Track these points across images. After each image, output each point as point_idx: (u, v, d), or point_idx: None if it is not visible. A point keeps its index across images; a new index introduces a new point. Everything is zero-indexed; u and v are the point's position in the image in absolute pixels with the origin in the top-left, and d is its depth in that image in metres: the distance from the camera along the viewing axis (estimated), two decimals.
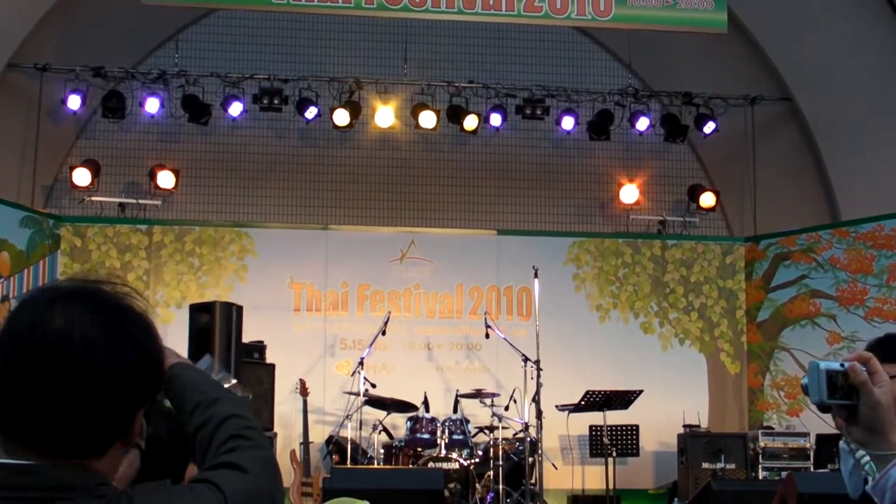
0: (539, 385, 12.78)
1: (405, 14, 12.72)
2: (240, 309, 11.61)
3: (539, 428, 12.72)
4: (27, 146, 15.02)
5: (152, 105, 14.90)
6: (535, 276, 13.36)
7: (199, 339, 11.17)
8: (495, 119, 15.37)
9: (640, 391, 13.57)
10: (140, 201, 15.42)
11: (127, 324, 2.27)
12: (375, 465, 12.80)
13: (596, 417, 13.74)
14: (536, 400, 12.96)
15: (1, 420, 2.21)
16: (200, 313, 11.39)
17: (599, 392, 13.40)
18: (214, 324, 11.16)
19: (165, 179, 15.21)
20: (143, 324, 2.32)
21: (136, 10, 13.04)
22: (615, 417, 13.75)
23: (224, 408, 2.57)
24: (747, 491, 11.47)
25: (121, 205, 15.35)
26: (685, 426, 14.24)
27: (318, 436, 13.90)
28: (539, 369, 12.85)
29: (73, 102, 14.68)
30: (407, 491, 10.31)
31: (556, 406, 13.55)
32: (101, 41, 15.12)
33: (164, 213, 15.43)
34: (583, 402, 13.46)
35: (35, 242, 14.19)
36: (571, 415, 13.64)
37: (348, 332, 14.91)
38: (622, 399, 13.53)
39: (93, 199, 15.26)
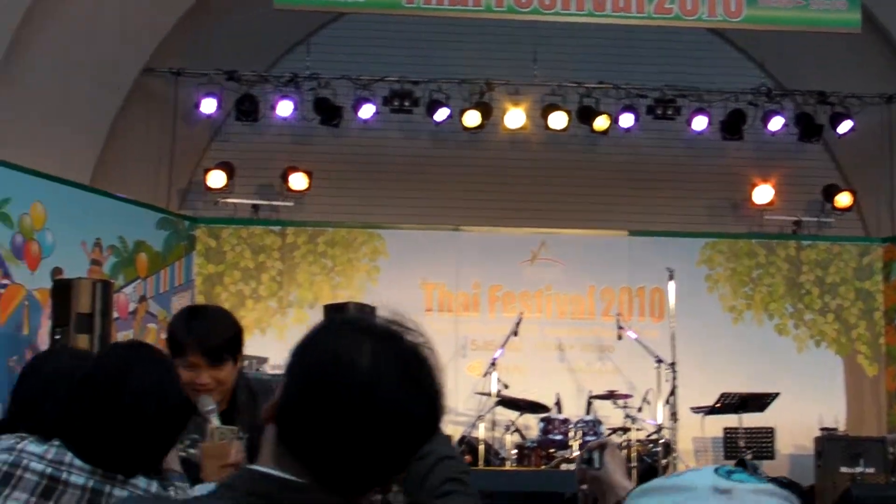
0: (674, 387, 12.69)
1: (535, 16, 12.69)
2: (373, 309, 11.65)
3: (674, 430, 12.62)
4: (163, 150, 15.24)
5: (285, 108, 15.04)
6: (671, 278, 13.30)
7: None
8: (626, 119, 15.28)
9: (777, 394, 13.40)
10: (273, 203, 15.58)
11: (424, 375, 2.27)
12: (508, 466, 12.78)
13: (731, 419, 13.60)
14: (670, 402, 12.89)
15: (289, 437, 2.23)
16: (334, 313, 11.47)
17: (735, 394, 13.25)
18: None
19: (298, 181, 15.34)
20: (438, 377, 2.31)
21: (268, 13, 13.14)
22: (750, 420, 13.59)
23: (440, 448, 2.60)
24: (890, 496, 11.26)
25: (254, 206, 15.52)
26: (822, 429, 14.04)
27: (451, 436, 13.93)
28: (674, 371, 12.77)
29: (208, 106, 14.87)
30: (540, 493, 10.29)
31: (692, 408, 13.43)
32: (233, 45, 15.29)
33: (297, 215, 15.56)
34: (718, 405, 13.32)
35: (171, 244, 14.40)
36: (706, 417, 13.53)
37: (480, 332, 14.92)
38: (758, 402, 13.37)
39: (227, 200, 15.45)
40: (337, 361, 2.20)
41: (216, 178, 15.18)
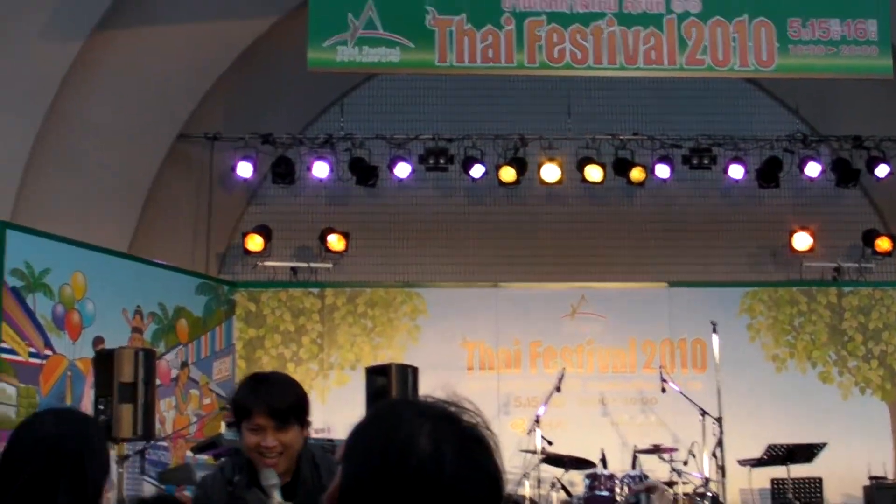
0: (721, 441, 12.61)
1: (567, 72, 12.67)
2: (415, 371, 11.63)
3: (722, 484, 12.52)
4: (200, 214, 15.30)
5: (320, 169, 15.07)
6: (714, 331, 13.26)
7: (376, 401, 11.21)
8: (662, 170, 15.26)
9: (824, 444, 13.26)
10: (311, 265, 15.59)
11: (484, 458, 2.25)
12: None
13: (778, 470, 13.47)
14: (717, 454, 12.79)
15: None
16: (377, 376, 11.43)
17: (782, 446, 13.12)
18: (391, 386, 11.20)
19: (335, 242, 15.37)
20: (496, 457, 2.29)
21: (302, 77, 13.20)
22: (797, 470, 13.45)
23: None
24: None
25: (293, 269, 15.53)
26: (871, 478, 13.89)
27: None
28: (721, 426, 12.70)
29: (244, 170, 14.91)
30: None
31: (739, 461, 13.31)
32: (268, 108, 15.38)
33: (336, 276, 15.56)
34: (765, 457, 13.20)
35: (211, 308, 14.42)
36: (753, 469, 13.41)
37: (522, 389, 14.85)
38: (805, 452, 13.24)
39: (265, 264, 15.47)
40: (397, 446, 2.18)
41: (254, 242, 15.21)
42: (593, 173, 15.17)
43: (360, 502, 2.18)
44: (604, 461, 13.22)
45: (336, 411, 13.26)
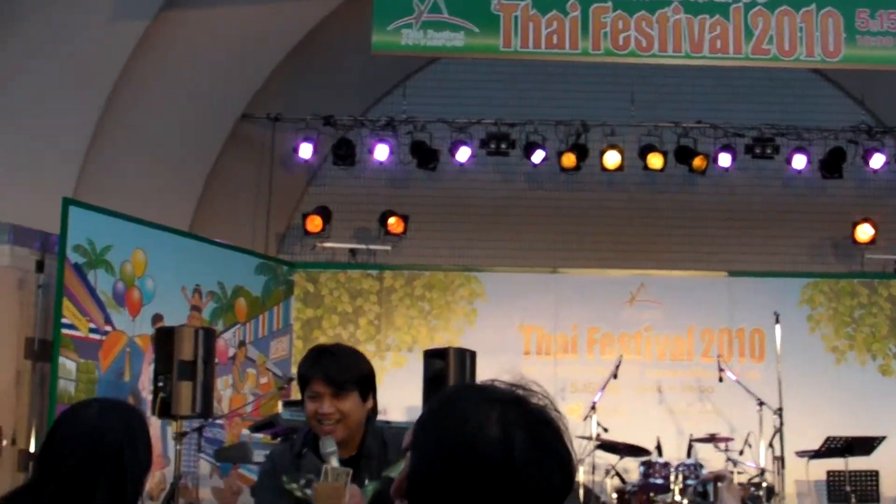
0: (781, 433, 12.57)
1: (632, 59, 12.62)
2: (473, 355, 11.65)
3: (781, 475, 12.47)
4: (260, 195, 15.37)
5: (381, 152, 15.10)
6: (777, 321, 13.22)
7: (434, 385, 11.25)
8: (724, 159, 15.18)
9: (884, 437, 13.17)
10: (370, 247, 15.62)
11: (554, 440, 2.25)
12: None
13: (835, 462, 13.39)
14: (774, 445, 12.74)
15: None
16: (435, 359, 11.47)
17: (841, 438, 13.04)
18: (449, 370, 11.23)
19: (395, 225, 15.40)
20: (566, 440, 2.29)
21: (365, 59, 13.22)
22: (854, 462, 13.36)
23: None
24: None
25: (352, 250, 15.57)
26: None
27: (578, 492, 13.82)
28: (781, 417, 12.65)
29: (305, 151, 14.97)
30: None
31: (796, 453, 13.24)
32: (330, 90, 15.40)
33: (394, 259, 15.60)
34: (823, 449, 13.12)
35: (270, 289, 14.48)
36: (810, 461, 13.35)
37: (579, 375, 14.83)
38: (864, 445, 13.15)
39: (324, 245, 15.52)
40: (465, 433, 2.18)
41: (314, 223, 15.28)
42: (655, 161, 15.13)
43: (430, 491, 2.18)
44: (659, 449, 13.20)
45: (392, 393, 13.27)
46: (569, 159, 15.09)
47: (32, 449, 11.25)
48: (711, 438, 13.12)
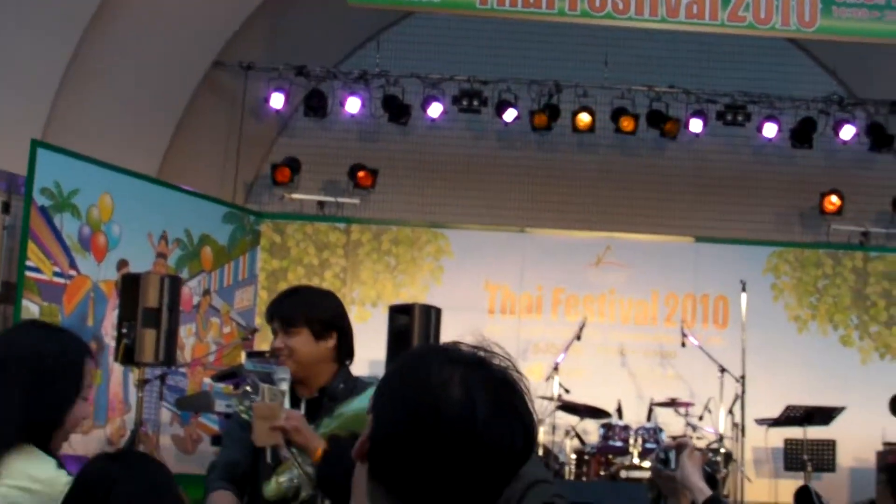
0: (742, 401, 12.65)
1: (608, 21, 12.61)
2: (438, 312, 11.68)
3: (741, 441, 12.55)
4: (230, 143, 15.30)
5: (353, 105, 15.06)
6: (743, 289, 13.31)
7: (398, 340, 11.28)
8: (695, 125, 15.20)
9: (843, 408, 13.27)
10: (339, 200, 15.58)
11: (516, 402, 2.22)
12: (567, 472, 12.72)
13: (793, 431, 13.48)
14: (734, 412, 12.82)
15: (383, 474, 2.20)
16: (399, 315, 11.48)
17: (801, 407, 13.12)
18: (413, 326, 11.26)
19: (364, 178, 15.37)
20: (528, 402, 2.26)
21: (340, 10, 13.15)
22: (812, 431, 13.45)
23: (533, 471, 2.54)
24: None
25: (320, 203, 15.54)
26: (885, 444, 13.88)
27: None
28: (744, 385, 12.75)
29: (276, 101, 14.92)
30: None
31: (756, 420, 13.32)
32: (303, 40, 15.32)
33: (363, 212, 15.58)
34: (783, 418, 13.21)
35: (236, 238, 14.43)
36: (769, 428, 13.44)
37: (542, 335, 14.86)
38: (823, 415, 13.24)
39: (293, 196, 15.49)
40: (428, 394, 2.16)
41: (282, 174, 15.24)
42: (626, 124, 15.13)
43: (391, 453, 2.16)
44: (619, 412, 13.25)
45: (356, 347, 13.30)
46: (540, 119, 15.08)
47: None
48: (672, 403, 13.19)
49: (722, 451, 12.68)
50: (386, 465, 2.18)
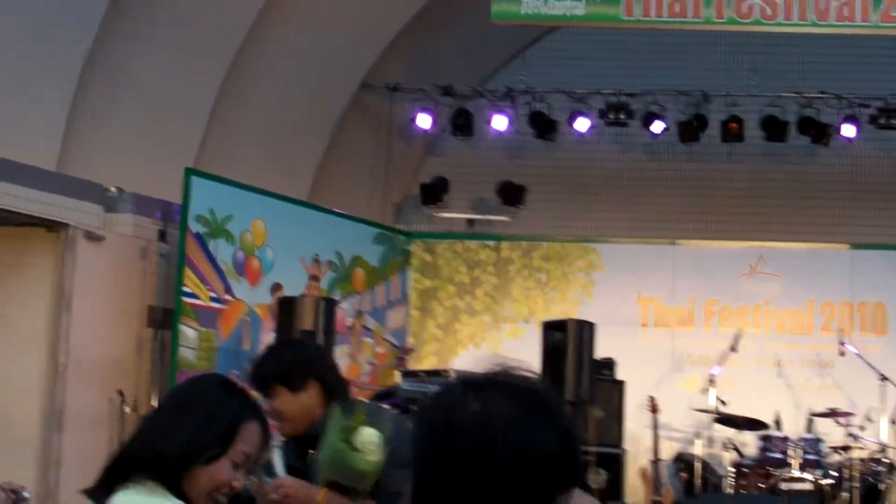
0: None
1: (757, 28, 12.47)
2: (592, 326, 11.64)
3: None
4: (378, 164, 15.43)
5: (500, 122, 15.06)
6: None
7: (553, 356, 11.26)
8: (848, 130, 14.92)
9: None
10: (488, 217, 15.62)
11: (544, 405, 2.22)
12: (725, 485, 12.59)
13: None
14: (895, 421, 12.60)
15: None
16: (554, 331, 11.47)
17: None
18: (568, 342, 11.24)
19: (513, 195, 15.38)
20: (561, 406, 2.27)
21: (484, 28, 13.19)
22: None
23: None
24: None
25: (469, 221, 15.59)
26: None
27: (667, 452, 13.73)
28: None
29: (423, 121, 14.99)
30: None
31: None
32: (449, 60, 15.41)
33: (512, 229, 15.57)
34: None
35: (387, 258, 14.53)
36: None
37: (696, 347, 14.69)
38: None
39: (442, 215, 15.55)
40: (444, 413, 2.20)
41: (431, 193, 15.31)
42: (777, 131, 14.94)
43: (428, 481, 2.20)
44: (778, 423, 13.08)
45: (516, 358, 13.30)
46: (688, 130, 14.96)
47: None
48: (831, 413, 12.98)
49: (885, 460, 12.44)
50: (422, 497, 2.21)
